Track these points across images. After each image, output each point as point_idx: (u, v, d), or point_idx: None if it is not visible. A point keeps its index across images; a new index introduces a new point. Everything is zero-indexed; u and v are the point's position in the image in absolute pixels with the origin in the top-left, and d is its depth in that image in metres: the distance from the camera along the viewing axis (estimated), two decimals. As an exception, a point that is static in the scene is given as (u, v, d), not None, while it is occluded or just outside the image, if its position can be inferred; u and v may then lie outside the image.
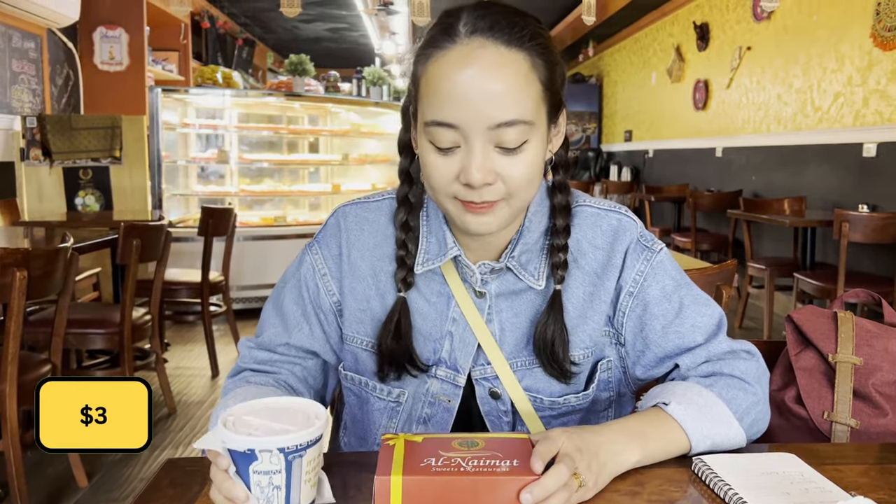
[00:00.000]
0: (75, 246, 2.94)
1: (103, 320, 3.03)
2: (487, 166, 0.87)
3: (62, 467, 2.73)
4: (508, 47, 0.87)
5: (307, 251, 1.08)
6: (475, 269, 0.99)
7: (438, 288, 1.02)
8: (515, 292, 1.00)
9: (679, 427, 0.90)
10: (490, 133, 0.86)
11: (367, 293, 1.04)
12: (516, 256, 0.99)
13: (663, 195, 7.03)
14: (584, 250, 1.01)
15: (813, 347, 1.14)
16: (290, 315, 1.06)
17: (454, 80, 0.86)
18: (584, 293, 1.00)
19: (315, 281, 1.06)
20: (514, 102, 0.86)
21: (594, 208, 1.03)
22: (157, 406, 3.53)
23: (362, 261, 1.04)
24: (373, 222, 1.05)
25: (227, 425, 0.71)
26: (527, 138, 0.88)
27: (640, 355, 1.02)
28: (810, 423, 1.10)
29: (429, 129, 0.89)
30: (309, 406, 0.76)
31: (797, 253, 4.77)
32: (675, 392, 0.94)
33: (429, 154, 0.90)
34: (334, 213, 1.08)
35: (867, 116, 4.63)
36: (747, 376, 0.97)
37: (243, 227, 5.31)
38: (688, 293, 1.01)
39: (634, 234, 1.01)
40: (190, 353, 4.43)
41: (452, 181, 0.89)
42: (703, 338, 0.99)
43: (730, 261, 2.01)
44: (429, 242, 1.01)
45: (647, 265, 1.00)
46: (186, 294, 4.00)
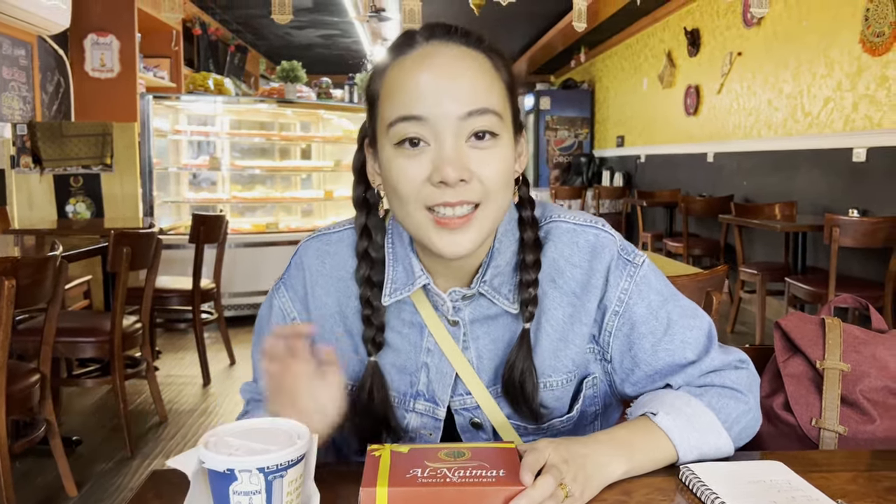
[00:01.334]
0: (65, 254, 2.92)
1: (93, 329, 3.02)
2: (461, 161, 0.83)
3: (51, 476, 2.71)
4: (468, 46, 0.87)
5: (274, 295, 1.04)
6: (446, 297, 0.95)
7: (410, 318, 0.97)
8: (491, 317, 0.97)
9: (667, 437, 0.89)
10: (461, 124, 0.83)
11: (336, 330, 1.00)
12: (488, 280, 0.94)
13: (655, 200, 7.04)
14: (561, 269, 0.97)
15: (801, 354, 1.14)
16: None
17: (418, 75, 0.84)
18: (564, 315, 0.97)
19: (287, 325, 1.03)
20: (483, 92, 0.85)
21: (569, 224, 0.98)
22: (148, 414, 3.51)
23: (328, 297, 1.00)
24: (335, 255, 1.00)
25: (207, 446, 0.70)
26: (498, 132, 0.86)
27: (628, 373, 0.99)
28: (798, 429, 1.10)
29: (394, 129, 0.85)
30: (292, 426, 0.75)
31: (788, 257, 4.79)
32: (664, 401, 0.93)
33: (394, 160, 0.86)
34: (297, 251, 1.04)
35: (857, 121, 4.65)
36: (739, 385, 0.96)
37: (235, 233, 5.30)
38: (675, 306, 0.98)
39: (614, 250, 0.97)
40: (181, 361, 4.41)
41: (423, 185, 0.84)
42: (695, 354, 0.97)
43: (720, 266, 2.02)
44: (395, 271, 0.96)
45: (631, 282, 0.97)
46: (178, 302, 3.99)
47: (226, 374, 4.19)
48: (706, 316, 1.00)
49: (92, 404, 3.67)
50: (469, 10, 4.39)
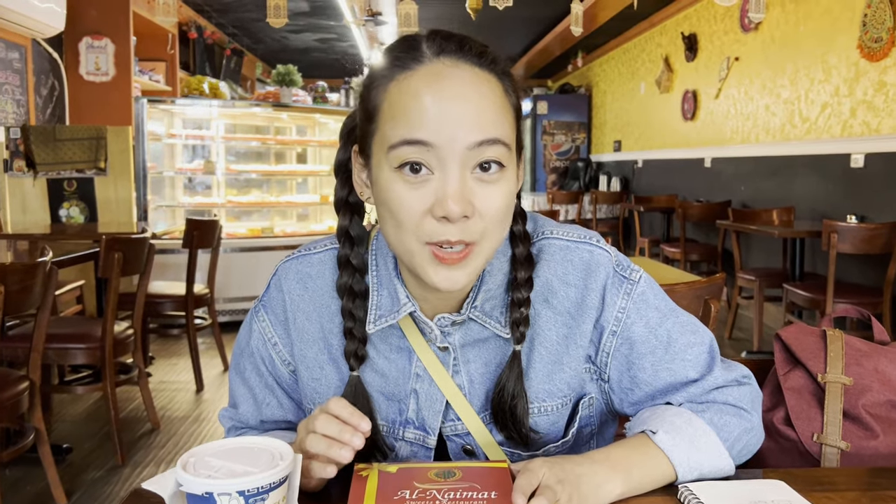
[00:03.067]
0: (55, 260, 2.89)
1: (84, 335, 2.99)
2: (466, 196, 0.78)
3: (41, 485, 2.67)
4: (481, 68, 0.81)
5: (254, 317, 1.00)
6: (433, 325, 0.90)
7: (397, 343, 0.93)
8: (482, 340, 0.92)
9: (665, 457, 0.86)
10: (468, 155, 0.78)
11: (320, 359, 0.95)
12: (479, 305, 0.91)
13: (652, 205, 7.02)
14: (554, 289, 0.93)
15: (802, 367, 1.12)
16: (255, 388, 0.99)
17: (426, 98, 0.78)
18: (559, 336, 0.93)
19: (268, 351, 0.98)
20: (494, 120, 0.79)
21: (562, 241, 0.94)
22: (140, 421, 3.48)
23: (309, 323, 0.95)
24: (316, 278, 0.96)
25: (186, 467, 0.67)
26: (505, 164, 0.80)
27: (627, 393, 0.95)
28: (799, 445, 1.07)
29: (396, 152, 0.79)
30: (276, 446, 0.72)
31: (786, 263, 4.77)
32: (664, 419, 0.90)
33: (394, 185, 0.80)
34: (275, 272, 1.00)
35: (854, 127, 4.64)
36: (742, 402, 0.93)
37: (230, 238, 5.27)
38: (674, 323, 0.94)
39: (609, 267, 0.93)
40: (174, 367, 4.38)
41: (424, 217, 0.79)
42: (697, 372, 0.93)
43: (718, 274, 1.99)
44: (380, 297, 0.92)
45: (629, 300, 0.93)
46: (171, 307, 3.96)
47: (220, 381, 4.15)
48: (707, 331, 0.97)
49: (83, 411, 3.63)
50: (465, 14, 4.36)
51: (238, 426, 1.01)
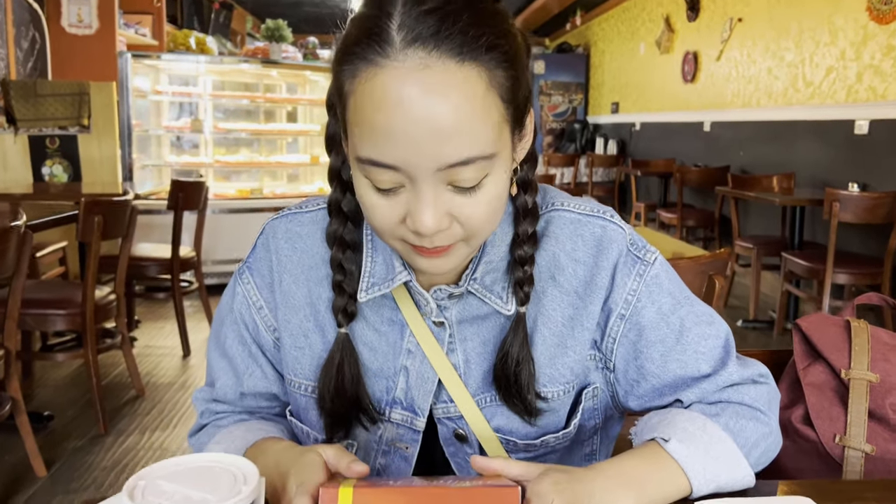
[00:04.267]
0: (31, 223, 2.78)
1: (64, 300, 2.88)
2: (440, 210, 0.70)
3: (21, 454, 2.60)
4: (460, 62, 0.67)
5: (238, 280, 0.92)
6: (429, 297, 0.84)
7: (389, 315, 0.86)
8: (481, 317, 0.86)
9: (679, 469, 0.77)
10: (441, 174, 0.69)
11: (305, 326, 0.88)
12: (479, 278, 0.83)
13: (649, 170, 6.92)
14: (562, 265, 0.85)
15: (823, 361, 1.03)
16: (237, 357, 0.91)
17: (391, 114, 0.67)
18: (564, 316, 0.86)
19: (252, 316, 0.91)
20: (470, 137, 0.68)
21: (574, 213, 0.86)
22: (124, 388, 3.40)
23: (296, 286, 0.88)
24: (307, 238, 0.89)
25: (134, 494, 0.58)
26: (487, 172, 0.71)
27: (633, 385, 0.88)
28: (819, 446, 0.99)
29: (363, 167, 0.72)
30: (238, 465, 0.63)
31: (785, 231, 4.69)
32: (676, 425, 0.81)
33: (366, 193, 0.73)
34: (262, 231, 0.92)
35: (860, 92, 4.51)
36: (759, 403, 0.85)
37: (218, 199, 5.14)
38: (689, 311, 0.87)
39: (623, 245, 0.85)
40: (161, 331, 4.29)
41: (398, 225, 0.73)
42: (710, 367, 0.86)
43: (723, 249, 1.91)
44: (374, 263, 0.85)
45: (641, 282, 0.85)
46: (156, 270, 3.85)
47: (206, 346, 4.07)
48: (723, 323, 0.89)
49: (66, 376, 3.55)
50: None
51: (214, 409, 0.93)
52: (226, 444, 0.85)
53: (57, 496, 2.45)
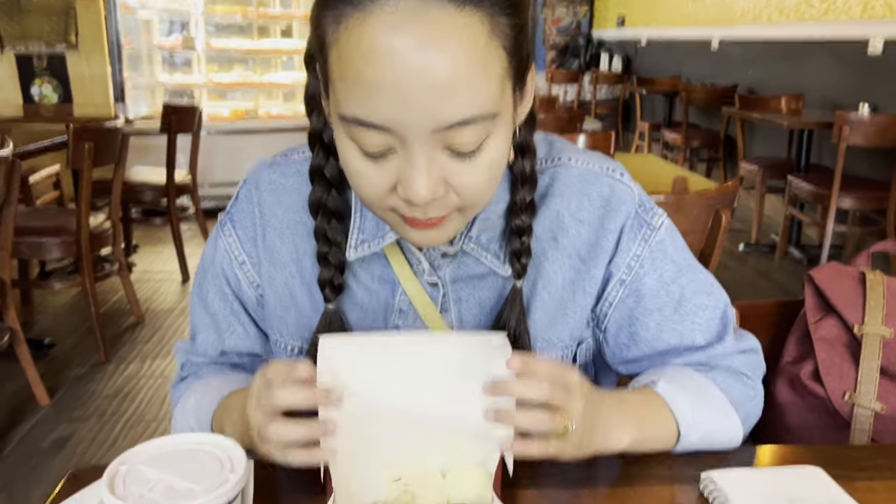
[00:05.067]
0: (20, 151, 2.71)
1: (59, 228, 2.84)
2: (435, 177, 0.64)
3: (23, 382, 2.61)
4: (460, 6, 0.59)
5: (219, 232, 0.87)
6: (421, 256, 0.79)
7: (380, 272, 0.82)
8: (477, 277, 0.81)
9: (669, 412, 0.76)
10: (436, 136, 0.62)
11: (291, 284, 0.83)
12: (474, 237, 0.79)
13: (655, 88, 6.75)
14: (565, 226, 0.80)
15: (836, 315, 0.99)
16: (219, 314, 0.87)
17: (380, 66, 0.59)
18: (565, 280, 0.81)
19: (234, 270, 0.86)
20: (470, 93, 0.61)
21: (581, 170, 0.81)
22: (124, 315, 3.40)
23: (281, 242, 0.83)
24: (292, 191, 0.83)
25: (114, 482, 0.55)
26: (488, 134, 0.64)
27: (623, 349, 0.85)
28: (828, 403, 0.96)
29: (349, 127, 0.65)
30: (224, 448, 0.60)
31: (791, 154, 4.60)
32: (665, 372, 0.81)
33: (351, 158, 0.66)
34: (245, 180, 0.86)
35: (877, 8, 4.34)
36: (745, 369, 0.84)
37: (213, 120, 5.03)
38: (690, 280, 0.83)
39: (632, 207, 0.81)
40: (159, 257, 4.27)
41: (387, 193, 0.66)
42: (704, 339, 0.83)
43: (731, 182, 1.85)
44: (363, 219, 0.79)
45: (646, 247, 0.81)
46: (152, 196, 3.80)
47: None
48: (723, 294, 0.85)
49: (66, 303, 3.55)
50: None
51: (194, 361, 0.90)
52: (200, 394, 0.82)
53: (61, 424, 2.47)
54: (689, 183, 2.61)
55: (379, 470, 0.68)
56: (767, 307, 1.09)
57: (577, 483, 0.73)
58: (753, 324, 1.08)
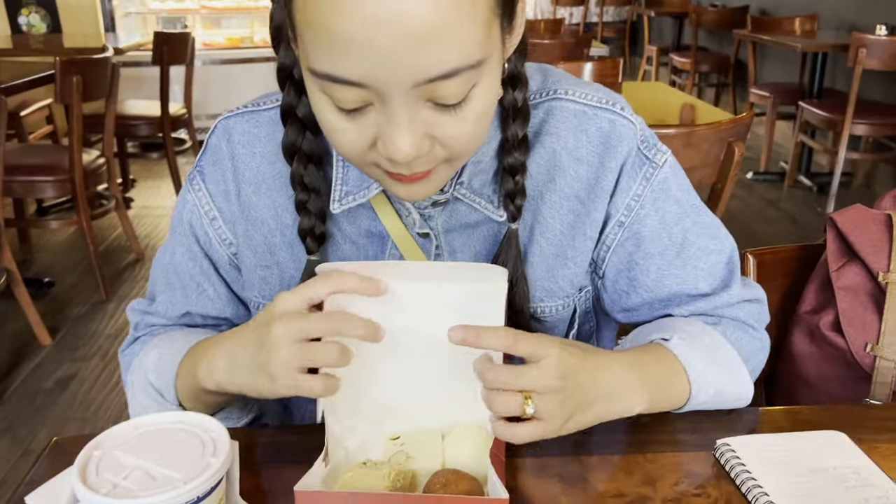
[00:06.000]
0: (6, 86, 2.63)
1: (52, 166, 2.77)
2: (418, 133, 0.58)
3: (24, 321, 2.59)
4: None
5: (188, 187, 0.80)
6: (410, 206, 0.74)
7: (367, 225, 0.76)
8: (471, 225, 0.76)
9: (682, 369, 0.71)
10: (418, 90, 0.56)
11: (271, 242, 0.78)
12: (466, 182, 0.73)
13: (663, 9, 6.54)
14: (563, 166, 0.74)
15: (859, 261, 0.94)
16: (186, 273, 0.80)
17: (350, 16, 0.52)
18: (564, 224, 0.76)
19: (204, 228, 0.79)
20: (454, 42, 0.54)
21: (578, 104, 0.74)
22: (123, 251, 3.36)
23: (258, 198, 0.77)
24: (267, 141, 0.76)
25: (87, 470, 0.51)
26: (475, 83, 0.58)
27: (622, 296, 0.79)
28: (848, 355, 0.92)
29: (320, 82, 0.58)
30: (206, 427, 0.56)
31: (804, 78, 4.46)
32: (676, 326, 0.75)
33: (326, 113, 0.60)
34: (214, 130, 0.79)
35: (899, -78, 4.12)
36: (751, 319, 0.79)
37: (207, 49, 4.89)
38: (694, 222, 0.77)
39: (633, 143, 0.75)
40: (157, 191, 4.20)
41: (367, 149, 0.61)
42: (709, 286, 0.77)
43: (745, 114, 1.77)
44: (346, 168, 0.73)
45: (647, 186, 0.75)
46: (147, 129, 3.71)
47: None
48: (729, 238, 0.80)
49: (64, 241, 3.50)
50: None
51: (149, 321, 0.82)
52: (164, 347, 0.75)
53: (63, 364, 2.47)
54: (698, 111, 2.52)
55: (376, 425, 0.65)
56: (785, 252, 1.04)
57: (584, 450, 0.69)
58: (769, 270, 1.03)
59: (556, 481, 0.65)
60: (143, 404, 0.74)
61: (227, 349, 0.66)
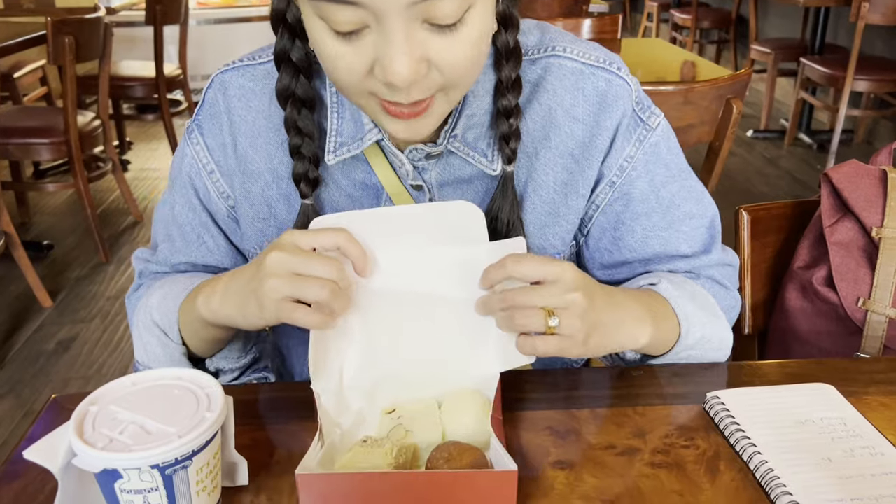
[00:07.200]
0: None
1: (48, 128, 2.75)
2: (415, 54, 0.58)
3: (25, 285, 2.60)
4: None
5: (186, 140, 0.80)
6: (404, 158, 0.74)
7: (362, 177, 0.76)
8: (465, 179, 0.76)
9: (671, 309, 0.73)
10: (414, 9, 0.56)
11: (267, 195, 0.78)
12: (460, 135, 0.73)
13: (664, -36, 6.42)
14: (558, 123, 0.75)
15: (853, 217, 0.94)
16: (187, 225, 0.81)
17: None
18: (557, 182, 0.76)
19: (202, 180, 0.80)
20: None
21: (576, 62, 0.74)
22: (122, 214, 3.36)
23: (254, 151, 0.77)
24: (262, 94, 0.77)
25: (83, 426, 0.52)
26: (470, 4, 0.59)
27: (604, 254, 0.81)
28: (840, 309, 0.92)
29: (315, 4, 0.58)
30: (201, 383, 0.56)
31: (806, 34, 4.40)
32: (660, 275, 0.77)
33: (322, 38, 0.60)
34: (210, 84, 0.79)
35: None
36: (725, 280, 0.82)
37: (202, 8, 4.82)
38: (681, 187, 0.79)
39: (629, 104, 0.75)
40: (154, 153, 4.18)
41: (365, 76, 0.61)
42: (689, 248, 0.79)
43: (744, 70, 1.75)
44: (341, 119, 0.73)
45: (640, 148, 0.76)
46: (142, 91, 3.67)
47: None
48: (712, 204, 0.82)
49: (63, 203, 3.50)
50: None
51: (154, 269, 0.84)
52: (168, 287, 0.76)
53: (65, 326, 2.48)
54: (699, 69, 2.49)
55: (369, 398, 0.65)
56: (779, 208, 1.04)
57: (575, 404, 0.70)
58: (764, 226, 1.03)
59: (548, 434, 0.66)
60: (148, 343, 0.76)
61: (227, 278, 0.68)
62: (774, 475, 0.59)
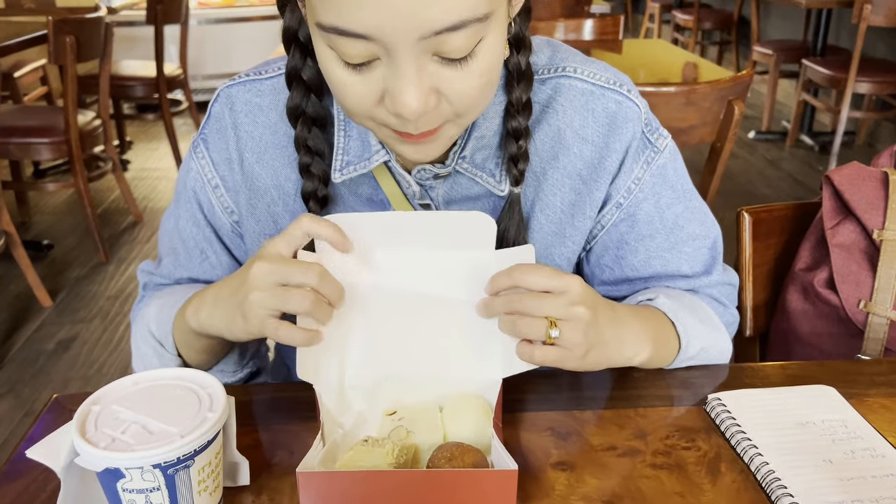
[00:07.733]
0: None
1: (48, 128, 2.75)
2: (425, 87, 0.57)
3: (25, 285, 2.60)
4: None
5: (192, 154, 0.80)
6: (411, 179, 0.73)
7: (369, 193, 0.76)
8: (472, 198, 0.76)
9: (672, 326, 0.73)
10: (424, 43, 0.56)
11: (273, 211, 0.78)
12: (468, 156, 0.72)
13: (665, -35, 6.42)
14: (567, 144, 0.74)
15: (854, 219, 0.94)
16: (190, 239, 0.81)
17: None
18: (565, 203, 0.76)
19: (207, 195, 0.79)
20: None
21: (586, 83, 0.74)
22: (122, 214, 3.36)
23: (261, 167, 0.77)
24: (269, 110, 0.76)
25: (85, 425, 0.52)
26: (481, 37, 0.58)
27: (605, 270, 0.81)
28: (841, 311, 0.92)
29: (327, 36, 0.57)
30: (203, 383, 0.56)
31: (808, 36, 4.40)
32: (658, 290, 0.78)
33: (332, 68, 0.59)
34: (216, 99, 0.78)
35: None
36: (724, 298, 0.82)
37: (203, 7, 4.81)
38: (685, 208, 0.79)
39: (638, 126, 0.75)
40: (155, 153, 4.18)
41: (374, 105, 0.60)
42: (690, 269, 0.80)
43: (745, 71, 1.75)
44: (348, 138, 0.73)
45: (647, 170, 0.76)
46: (143, 90, 3.67)
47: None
48: (715, 225, 0.82)
49: (63, 203, 3.50)
50: None
51: (158, 282, 0.84)
52: (165, 298, 0.77)
53: (64, 326, 2.48)
54: (700, 70, 2.50)
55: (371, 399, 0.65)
56: (780, 210, 1.03)
57: (577, 405, 0.70)
58: (765, 228, 1.03)
59: (549, 435, 0.66)
60: (144, 353, 0.76)
61: (214, 289, 0.68)
62: (775, 477, 0.59)
